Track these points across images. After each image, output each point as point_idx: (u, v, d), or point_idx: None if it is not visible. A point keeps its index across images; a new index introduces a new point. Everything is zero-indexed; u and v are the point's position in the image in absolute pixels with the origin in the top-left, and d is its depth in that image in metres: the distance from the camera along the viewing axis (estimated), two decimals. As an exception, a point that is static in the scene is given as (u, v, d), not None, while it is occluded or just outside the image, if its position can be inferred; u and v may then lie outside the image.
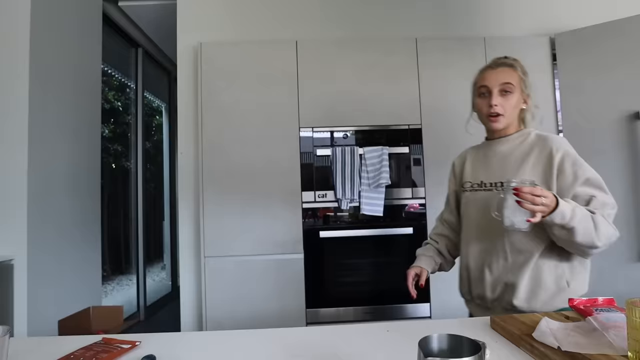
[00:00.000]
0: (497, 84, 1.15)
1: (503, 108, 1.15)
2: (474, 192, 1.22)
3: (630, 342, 0.60)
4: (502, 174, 1.14)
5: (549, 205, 0.94)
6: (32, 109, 1.94)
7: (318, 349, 0.78)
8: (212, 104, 2.24)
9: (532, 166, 1.12)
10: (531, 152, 1.14)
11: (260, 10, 2.49)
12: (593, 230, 0.98)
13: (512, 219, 0.97)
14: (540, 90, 2.28)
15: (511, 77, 1.16)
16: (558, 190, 1.06)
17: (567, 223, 0.96)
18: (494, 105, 1.14)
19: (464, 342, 0.50)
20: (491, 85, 1.16)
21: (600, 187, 1.08)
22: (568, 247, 1.05)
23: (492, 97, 1.15)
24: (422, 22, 2.53)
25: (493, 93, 1.15)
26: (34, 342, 0.87)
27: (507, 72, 1.17)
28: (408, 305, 2.16)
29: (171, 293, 4.17)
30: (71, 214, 2.28)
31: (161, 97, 4.35)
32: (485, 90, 1.17)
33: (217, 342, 0.84)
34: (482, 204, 1.17)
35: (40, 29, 2.01)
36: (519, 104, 1.18)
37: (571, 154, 1.11)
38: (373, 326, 0.91)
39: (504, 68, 1.17)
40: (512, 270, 1.11)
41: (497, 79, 1.16)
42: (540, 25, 2.52)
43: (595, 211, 1.01)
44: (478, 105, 1.21)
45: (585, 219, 0.98)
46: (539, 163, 1.12)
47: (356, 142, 2.24)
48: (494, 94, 1.15)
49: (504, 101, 1.15)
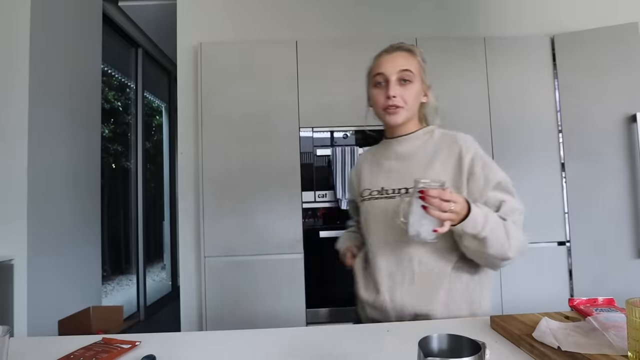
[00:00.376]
0: (394, 71, 1.00)
1: (402, 99, 0.99)
2: (373, 200, 1.05)
3: (630, 342, 0.60)
4: (406, 178, 0.99)
5: (459, 212, 0.83)
6: (32, 109, 1.94)
7: (318, 349, 0.78)
8: (212, 104, 2.24)
9: (440, 169, 0.99)
10: (438, 153, 1.01)
11: (260, 11, 2.49)
12: (506, 240, 0.89)
13: (418, 228, 0.84)
14: (541, 90, 2.29)
15: (410, 63, 1.01)
16: (468, 196, 0.94)
17: (479, 232, 0.85)
18: (391, 97, 0.98)
19: (464, 342, 0.50)
20: (388, 72, 1.00)
21: (509, 191, 0.98)
22: (478, 259, 0.95)
23: (390, 86, 0.99)
24: (422, 22, 2.53)
25: (390, 82, 0.99)
26: (34, 342, 0.87)
27: (405, 58, 1.02)
28: (408, 305, 2.16)
29: (171, 293, 4.17)
30: (71, 214, 2.28)
31: (161, 97, 4.35)
32: (381, 78, 1.01)
33: (217, 342, 0.84)
34: (384, 214, 1.01)
35: (40, 29, 2.01)
36: (420, 95, 1.04)
37: (481, 155, 0.99)
38: (373, 326, 0.91)
39: (402, 53, 1.03)
40: (422, 298, 0.96)
41: (394, 65, 1.00)
42: (541, 26, 2.52)
43: (506, 218, 0.92)
44: (374, 97, 1.04)
45: (498, 227, 0.88)
46: (447, 165, 0.99)
47: (356, 142, 2.24)
48: (392, 83, 0.99)
49: (404, 91, 1.00)
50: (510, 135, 2.26)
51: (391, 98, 0.98)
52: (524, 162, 2.24)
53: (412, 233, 0.85)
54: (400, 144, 1.06)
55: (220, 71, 2.26)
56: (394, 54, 1.02)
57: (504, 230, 0.89)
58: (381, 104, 1.01)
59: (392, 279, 0.99)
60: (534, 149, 2.25)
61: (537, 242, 2.22)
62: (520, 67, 2.30)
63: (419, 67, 1.03)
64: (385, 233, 1.01)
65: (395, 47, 1.04)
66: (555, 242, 2.23)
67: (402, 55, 1.02)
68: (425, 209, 0.81)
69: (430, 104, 1.08)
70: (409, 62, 1.01)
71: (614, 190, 2.15)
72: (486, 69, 2.29)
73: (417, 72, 1.02)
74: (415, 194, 0.83)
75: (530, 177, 2.24)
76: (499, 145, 2.25)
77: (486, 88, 2.28)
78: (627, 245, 2.14)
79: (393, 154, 1.07)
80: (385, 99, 1.00)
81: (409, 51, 1.04)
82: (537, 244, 2.22)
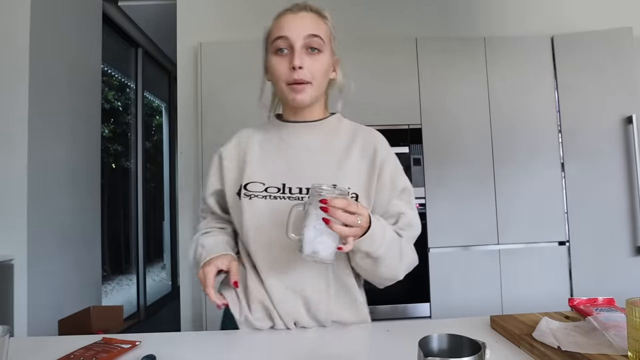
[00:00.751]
0: (301, 35, 0.79)
1: (310, 73, 0.80)
2: (268, 199, 0.82)
3: (630, 342, 0.60)
4: (318, 175, 0.80)
5: (364, 227, 0.69)
6: (32, 109, 1.94)
7: (318, 349, 0.78)
8: (212, 104, 2.24)
9: (356, 165, 0.84)
10: (352, 146, 0.85)
11: (260, 11, 2.49)
12: (399, 260, 0.79)
13: (315, 246, 0.67)
14: (541, 90, 2.29)
15: (320, 27, 0.82)
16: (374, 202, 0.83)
17: (374, 251, 0.74)
18: (297, 67, 0.77)
19: (464, 342, 0.50)
20: (293, 36, 0.78)
21: (410, 202, 0.86)
22: (366, 274, 0.83)
23: (295, 54, 0.78)
24: (422, 22, 2.53)
25: (295, 49, 0.78)
26: (34, 342, 0.87)
27: (314, 20, 0.81)
28: (408, 305, 2.16)
29: (171, 293, 4.17)
30: (71, 214, 2.28)
31: (161, 97, 4.35)
32: (284, 44, 0.79)
33: (217, 342, 0.84)
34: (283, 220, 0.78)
35: (40, 29, 2.01)
36: (330, 70, 0.85)
37: (392, 155, 0.87)
38: (373, 326, 0.91)
39: (310, 14, 0.82)
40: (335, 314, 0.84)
41: (301, 28, 0.79)
42: (541, 26, 2.52)
43: (402, 233, 0.82)
44: (273, 68, 0.81)
45: (393, 246, 0.77)
46: (362, 162, 0.84)
47: (356, 142, 2.24)
48: (297, 51, 0.78)
49: (312, 63, 0.80)
50: (511, 136, 2.26)
51: (297, 70, 0.78)
52: (524, 162, 2.24)
53: (307, 252, 0.68)
54: (310, 130, 0.86)
55: (220, 71, 2.26)
56: (300, 14, 0.81)
57: (399, 249, 0.79)
58: (284, 77, 0.80)
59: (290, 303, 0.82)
60: (534, 149, 2.25)
61: (537, 242, 2.22)
62: (521, 67, 2.30)
63: (330, 35, 0.84)
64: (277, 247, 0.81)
65: (302, 6, 0.83)
66: (556, 242, 2.23)
67: (310, 16, 0.82)
68: (326, 223, 0.65)
69: (338, 82, 0.90)
70: (319, 26, 0.81)
71: (611, 189, 2.18)
72: (486, 69, 2.29)
73: (328, 40, 0.83)
74: (313, 204, 0.67)
75: (531, 177, 2.24)
76: (499, 146, 2.25)
77: (486, 88, 2.28)
78: (624, 244, 2.17)
79: (301, 142, 0.86)
80: (290, 71, 0.79)
81: (318, 13, 0.84)
82: (537, 244, 2.22)
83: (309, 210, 0.68)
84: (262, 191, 0.83)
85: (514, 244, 2.21)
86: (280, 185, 0.83)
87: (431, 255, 2.17)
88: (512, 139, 2.26)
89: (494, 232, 2.21)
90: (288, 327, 0.83)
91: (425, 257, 2.17)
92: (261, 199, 0.82)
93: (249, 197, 0.83)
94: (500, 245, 2.21)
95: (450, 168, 2.22)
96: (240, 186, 0.85)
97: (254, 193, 0.83)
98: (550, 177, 2.25)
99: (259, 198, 0.82)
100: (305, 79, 0.79)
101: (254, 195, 0.83)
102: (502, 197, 2.22)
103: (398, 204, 0.84)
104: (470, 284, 2.17)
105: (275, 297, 0.82)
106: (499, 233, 2.21)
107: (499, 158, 2.24)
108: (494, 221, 2.21)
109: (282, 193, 0.82)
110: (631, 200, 2.16)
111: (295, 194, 0.82)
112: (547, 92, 2.30)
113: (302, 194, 0.82)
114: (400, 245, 0.80)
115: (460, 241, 2.20)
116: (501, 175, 2.24)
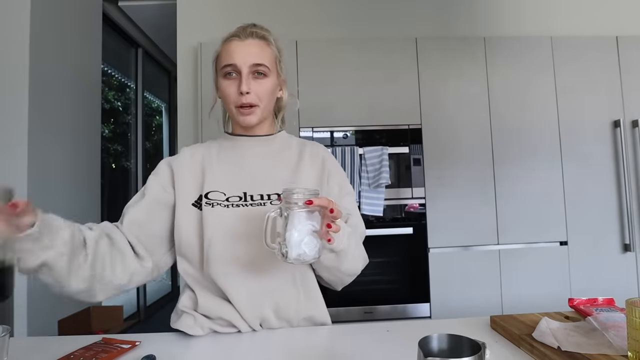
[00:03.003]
0: (247, 63, 0.85)
1: (257, 96, 0.86)
2: (232, 208, 0.84)
3: (630, 342, 0.60)
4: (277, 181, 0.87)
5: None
6: (32, 109, 1.94)
7: (317, 349, 0.78)
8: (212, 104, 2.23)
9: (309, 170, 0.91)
10: (303, 156, 0.92)
11: (260, 11, 2.49)
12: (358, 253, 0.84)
13: (301, 248, 0.68)
14: (541, 90, 2.29)
15: (265, 55, 0.87)
16: None
17: (337, 245, 0.77)
18: (244, 93, 0.84)
19: (464, 342, 0.50)
20: (239, 64, 0.84)
21: (356, 208, 0.94)
22: (328, 275, 0.86)
23: (242, 80, 0.84)
24: (422, 22, 2.53)
25: (242, 75, 0.84)
26: (34, 342, 0.87)
27: (260, 48, 0.87)
28: (408, 305, 2.16)
29: (171, 293, 4.17)
30: (71, 213, 2.26)
31: (161, 97, 4.35)
32: (232, 69, 0.86)
33: (217, 342, 0.84)
34: (245, 227, 0.83)
35: (40, 29, 2.01)
36: (276, 91, 0.92)
37: (338, 164, 0.97)
38: (373, 326, 0.91)
39: (256, 41, 0.88)
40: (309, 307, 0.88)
41: (246, 57, 0.85)
42: (541, 26, 2.53)
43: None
44: (223, 91, 0.88)
45: (352, 239, 0.81)
46: (313, 170, 0.91)
47: (356, 142, 2.24)
48: (244, 77, 0.84)
49: (258, 86, 0.86)
50: (511, 136, 2.26)
51: (244, 94, 0.84)
52: (525, 163, 2.25)
53: (293, 256, 0.68)
54: (262, 143, 0.93)
55: (220, 71, 2.26)
56: (246, 42, 0.86)
57: (356, 243, 0.84)
58: (233, 100, 0.86)
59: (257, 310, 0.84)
60: (534, 149, 2.26)
61: (538, 242, 2.22)
62: (521, 67, 2.30)
63: (274, 59, 0.90)
64: (244, 253, 0.82)
65: (248, 32, 0.88)
66: (557, 242, 2.23)
67: (256, 44, 0.87)
68: (328, 227, 0.69)
69: (284, 101, 0.98)
70: (263, 54, 0.87)
71: (602, 190, 2.28)
72: (486, 69, 2.29)
73: (273, 66, 0.89)
74: (292, 208, 0.68)
75: (531, 177, 2.24)
76: (499, 145, 2.25)
77: (486, 88, 2.28)
78: (614, 241, 2.26)
79: (256, 153, 0.92)
80: (238, 95, 0.85)
81: (263, 39, 0.89)
82: (538, 244, 2.22)
83: (292, 214, 0.68)
84: (223, 200, 0.85)
85: (514, 244, 2.21)
86: (241, 193, 0.86)
87: (431, 255, 2.17)
88: (512, 138, 2.26)
89: (494, 232, 2.21)
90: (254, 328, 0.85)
91: (425, 257, 2.17)
92: (224, 207, 0.84)
93: (211, 205, 0.84)
94: (500, 245, 2.21)
95: (450, 168, 2.23)
96: (199, 196, 0.86)
97: (216, 201, 0.85)
98: (550, 176, 2.25)
99: (221, 207, 0.84)
100: (252, 103, 0.86)
101: (217, 203, 0.84)
102: (502, 197, 2.23)
103: (346, 207, 0.91)
104: (470, 284, 2.17)
105: (242, 303, 0.83)
106: (499, 233, 2.21)
107: (499, 158, 2.25)
108: (494, 221, 2.21)
109: (244, 201, 0.86)
110: (620, 200, 2.26)
111: (257, 201, 0.85)
112: (548, 92, 2.30)
113: (263, 200, 0.85)
114: (356, 238, 0.85)
115: (460, 241, 2.20)
116: (501, 175, 2.24)
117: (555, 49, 2.32)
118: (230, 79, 0.86)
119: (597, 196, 2.26)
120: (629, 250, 2.23)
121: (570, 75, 2.31)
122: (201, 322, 0.85)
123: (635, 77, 2.32)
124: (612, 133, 2.29)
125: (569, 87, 2.30)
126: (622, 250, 2.25)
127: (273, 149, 0.93)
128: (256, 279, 0.84)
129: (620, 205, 2.26)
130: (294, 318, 0.87)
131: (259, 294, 0.84)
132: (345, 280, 0.89)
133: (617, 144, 2.28)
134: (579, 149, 2.27)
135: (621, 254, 2.25)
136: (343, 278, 0.87)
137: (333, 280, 0.88)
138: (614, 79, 2.32)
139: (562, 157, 2.26)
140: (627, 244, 2.23)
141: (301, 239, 0.68)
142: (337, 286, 0.91)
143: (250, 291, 0.84)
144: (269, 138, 0.94)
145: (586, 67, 2.32)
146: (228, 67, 0.86)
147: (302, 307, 0.87)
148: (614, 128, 2.29)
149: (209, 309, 0.85)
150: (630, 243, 2.21)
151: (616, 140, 2.28)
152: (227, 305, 0.84)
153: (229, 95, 0.86)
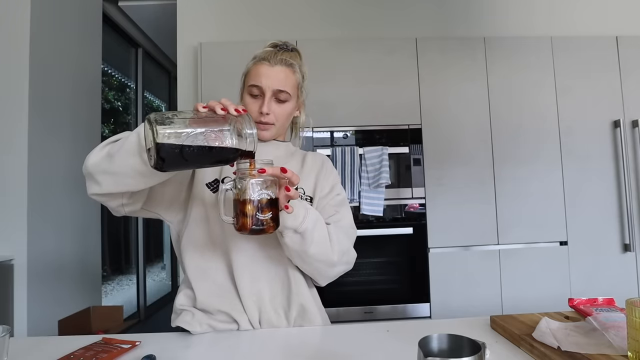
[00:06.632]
0: (271, 88, 0.94)
1: (275, 116, 0.96)
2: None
3: (630, 342, 0.60)
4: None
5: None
6: (32, 109, 1.94)
7: (317, 349, 0.78)
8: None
9: (309, 173, 1.01)
10: (305, 162, 1.04)
11: (260, 10, 2.49)
12: (328, 240, 0.87)
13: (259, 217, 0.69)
14: (541, 90, 2.30)
15: (288, 82, 0.96)
16: (317, 200, 0.98)
17: (299, 226, 0.81)
18: (264, 113, 0.94)
19: (464, 342, 0.50)
20: (264, 87, 0.94)
21: (346, 206, 1.01)
22: (302, 263, 0.90)
23: (265, 102, 0.94)
24: (422, 22, 2.53)
25: (266, 97, 0.94)
26: (34, 342, 0.87)
27: (285, 75, 0.96)
28: (408, 305, 2.16)
29: (171, 293, 4.17)
30: (71, 214, 2.28)
31: (161, 97, 4.35)
32: (257, 91, 0.95)
33: (217, 342, 0.84)
34: None
35: (40, 29, 2.01)
36: (294, 112, 1.02)
37: (335, 171, 1.06)
38: (373, 326, 0.91)
39: (283, 68, 0.96)
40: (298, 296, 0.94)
41: (272, 82, 0.94)
42: (541, 26, 2.53)
43: (330, 222, 0.93)
44: (246, 106, 0.97)
45: (318, 224, 0.85)
46: (312, 173, 1.01)
47: (356, 142, 2.24)
48: (267, 99, 0.94)
49: (277, 108, 0.96)
50: (511, 135, 2.26)
51: (264, 114, 0.94)
52: (525, 162, 2.25)
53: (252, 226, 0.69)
54: (269, 148, 1.00)
55: (220, 71, 2.26)
56: (274, 68, 0.95)
57: (325, 230, 0.87)
58: (253, 116, 0.94)
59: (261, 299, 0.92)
60: (534, 150, 2.26)
61: (538, 242, 2.22)
62: (521, 68, 2.30)
63: (297, 86, 0.99)
64: (256, 238, 0.90)
65: (278, 59, 0.96)
66: (557, 242, 2.23)
67: (283, 71, 0.96)
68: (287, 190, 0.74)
69: (300, 121, 1.09)
70: (288, 81, 0.96)
71: (602, 190, 2.28)
72: (486, 69, 2.29)
73: (294, 92, 0.98)
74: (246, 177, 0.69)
75: (531, 177, 2.24)
76: (499, 145, 2.25)
77: (486, 88, 2.28)
78: (614, 241, 2.26)
79: (261, 153, 0.95)
80: (258, 113, 0.94)
81: (290, 67, 0.97)
82: (538, 244, 2.22)
83: (243, 185, 0.69)
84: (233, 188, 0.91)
85: (514, 244, 2.21)
86: None
87: (431, 255, 2.17)
88: (513, 138, 2.26)
89: (494, 232, 2.21)
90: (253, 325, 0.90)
91: (425, 257, 2.17)
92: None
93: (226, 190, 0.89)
94: (500, 245, 2.21)
95: (451, 168, 2.23)
96: (214, 179, 0.95)
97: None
98: (550, 176, 2.25)
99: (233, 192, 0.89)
100: (270, 122, 0.96)
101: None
102: (502, 197, 2.23)
103: (335, 205, 0.98)
104: (470, 284, 2.17)
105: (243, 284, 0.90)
106: (499, 233, 2.21)
107: (499, 158, 2.25)
108: (494, 221, 2.21)
109: None
110: (619, 200, 2.27)
111: None
112: (548, 92, 2.30)
113: None
114: (327, 227, 0.88)
115: (460, 241, 2.20)
116: (501, 175, 2.24)
117: (555, 49, 2.32)
118: (255, 98, 0.96)
119: (597, 196, 2.26)
120: (629, 250, 2.22)
121: (570, 75, 2.30)
122: (199, 318, 0.90)
123: (635, 77, 2.32)
124: (612, 133, 2.29)
125: (569, 87, 2.30)
126: (622, 250, 2.25)
127: (278, 154, 1.00)
128: (260, 264, 0.92)
129: (620, 205, 2.26)
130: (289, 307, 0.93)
131: (259, 280, 0.92)
132: (323, 270, 0.90)
133: (617, 144, 2.28)
134: (579, 149, 2.28)
135: (621, 254, 2.25)
136: (318, 267, 0.89)
137: (310, 270, 0.92)
138: (614, 79, 2.32)
139: (562, 157, 2.27)
140: (627, 244, 2.23)
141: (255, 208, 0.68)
142: (318, 279, 0.94)
143: (252, 275, 0.91)
144: (276, 143, 1.02)
145: (586, 67, 2.31)
146: (254, 87, 0.95)
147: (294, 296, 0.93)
148: (614, 128, 2.29)
149: (209, 304, 0.90)
150: (630, 243, 2.21)
151: (616, 140, 2.28)
152: (226, 298, 0.90)
153: (251, 111, 0.94)
